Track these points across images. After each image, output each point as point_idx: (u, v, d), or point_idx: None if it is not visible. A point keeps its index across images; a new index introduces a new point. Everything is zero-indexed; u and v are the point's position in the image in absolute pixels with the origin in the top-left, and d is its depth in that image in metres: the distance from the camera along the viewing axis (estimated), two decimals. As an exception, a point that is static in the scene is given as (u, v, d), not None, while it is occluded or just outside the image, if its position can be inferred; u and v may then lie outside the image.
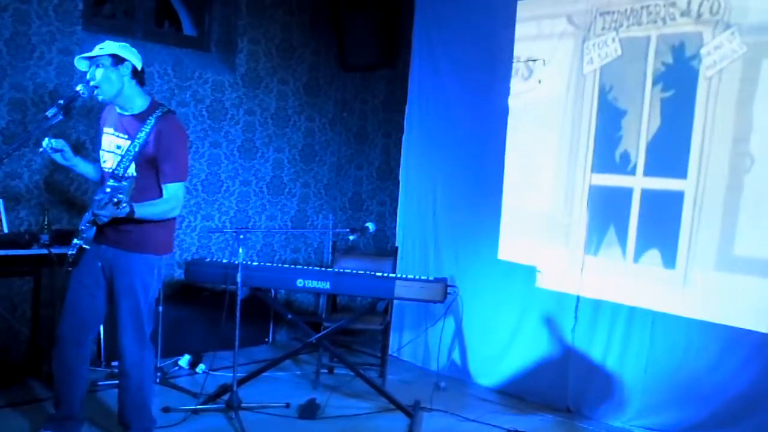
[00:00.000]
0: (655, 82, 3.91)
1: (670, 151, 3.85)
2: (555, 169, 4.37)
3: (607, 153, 4.12)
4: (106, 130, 3.18)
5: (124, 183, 2.87)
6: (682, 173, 3.80)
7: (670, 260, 3.86)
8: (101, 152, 3.18)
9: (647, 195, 3.96)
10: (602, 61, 4.13)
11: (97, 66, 3.04)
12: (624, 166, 4.05)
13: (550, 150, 4.39)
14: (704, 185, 3.73)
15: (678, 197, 3.82)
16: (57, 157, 3.15)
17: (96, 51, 3.06)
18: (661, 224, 3.89)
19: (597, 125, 4.17)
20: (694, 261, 3.76)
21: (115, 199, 2.80)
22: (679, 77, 3.82)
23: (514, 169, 4.57)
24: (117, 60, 3.05)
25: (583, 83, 4.23)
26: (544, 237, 4.38)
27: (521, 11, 4.49)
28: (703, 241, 3.72)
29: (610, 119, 4.11)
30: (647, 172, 3.96)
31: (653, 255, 3.92)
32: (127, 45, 3.15)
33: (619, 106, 4.08)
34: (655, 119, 3.91)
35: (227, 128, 5.04)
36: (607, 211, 4.13)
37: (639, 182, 3.99)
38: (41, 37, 4.15)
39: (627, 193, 4.04)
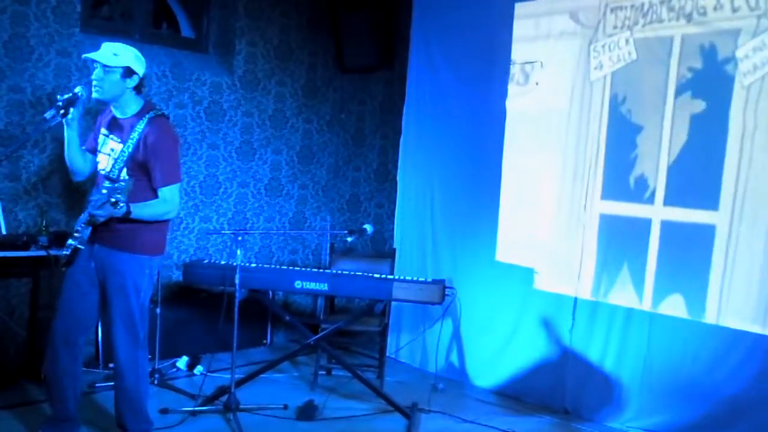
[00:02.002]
0: (679, 92, 3.39)
1: (698, 176, 3.34)
2: (556, 192, 3.91)
3: (620, 176, 3.62)
4: (102, 131, 3.20)
5: (122, 183, 2.88)
6: (712, 204, 3.28)
7: (697, 309, 3.36)
8: (98, 154, 3.19)
9: (669, 228, 3.45)
10: (613, 66, 3.62)
11: (106, 72, 3.01)
12: (640, 192, 3.55)
13: (550, 170, 3.94)
14: (741, 219, 3.18)
15: (707, 232, 3.30)
16: (76, 106, 3.00)
17: (110, 58, 3.01)
18: (686, 265, 3.38)
19: (607, 143, 3.66)
20: (727, 311, 3.26)
21: (113, 199, 2.81)
22: (710, 85, 3.30)
23: (511, 190, 4.18)
24: (128, 73, 3.04)
25: (590, 92, 3.75)
26: (543, 273, 4.05)
27: (519, 9, 4.25)
28: (739, 287, 3.21)
29: (623, 136, 3.61)
30: (668, 201, 3.45)
31: (676, 301, 3.45)
32: (139, 54, 3.12)
33: (633, 120, 3.58)
34: (679, 137, 3.36)
35: (225, 130, 5.04)
36: (619, 246, 3.65)
37: (658, 213, 3.49)
38: (39, 39, 4.15)
39: (644, 225, 3.53)
